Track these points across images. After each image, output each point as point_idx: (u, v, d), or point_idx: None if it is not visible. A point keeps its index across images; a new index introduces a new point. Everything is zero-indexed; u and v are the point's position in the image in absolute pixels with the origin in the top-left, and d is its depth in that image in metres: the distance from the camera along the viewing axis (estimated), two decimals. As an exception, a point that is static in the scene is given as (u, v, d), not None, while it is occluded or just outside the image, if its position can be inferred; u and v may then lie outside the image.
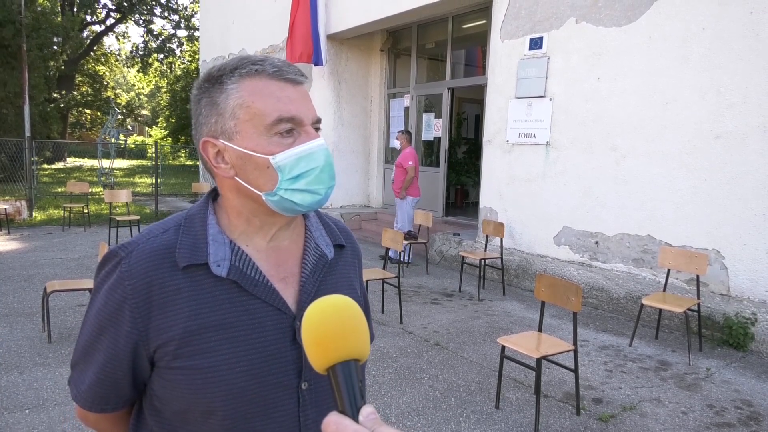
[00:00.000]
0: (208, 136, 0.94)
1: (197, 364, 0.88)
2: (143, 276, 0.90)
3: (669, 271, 4.94)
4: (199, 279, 0.91)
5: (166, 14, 30.47)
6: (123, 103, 34.35)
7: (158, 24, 46.12)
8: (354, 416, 0.64)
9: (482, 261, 6.32)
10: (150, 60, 31.55)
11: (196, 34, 28.00)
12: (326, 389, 0.94)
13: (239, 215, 0.96)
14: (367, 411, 0.64)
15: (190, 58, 31.66)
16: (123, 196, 9.42)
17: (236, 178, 0.93)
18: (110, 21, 30.10)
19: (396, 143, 8.14)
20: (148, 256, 0.91)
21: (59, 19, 20.14)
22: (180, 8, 30.60)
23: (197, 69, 23.79)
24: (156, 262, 0.91)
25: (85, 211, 10.31)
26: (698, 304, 4.66)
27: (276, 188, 0.91)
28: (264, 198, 0.92)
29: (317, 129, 0.95)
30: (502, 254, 6.48)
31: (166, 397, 0.92)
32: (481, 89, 8.59)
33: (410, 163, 7.48)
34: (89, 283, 4.67)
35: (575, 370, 3.49)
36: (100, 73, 31.57)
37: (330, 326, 0.69)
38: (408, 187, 7.57)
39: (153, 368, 0.93)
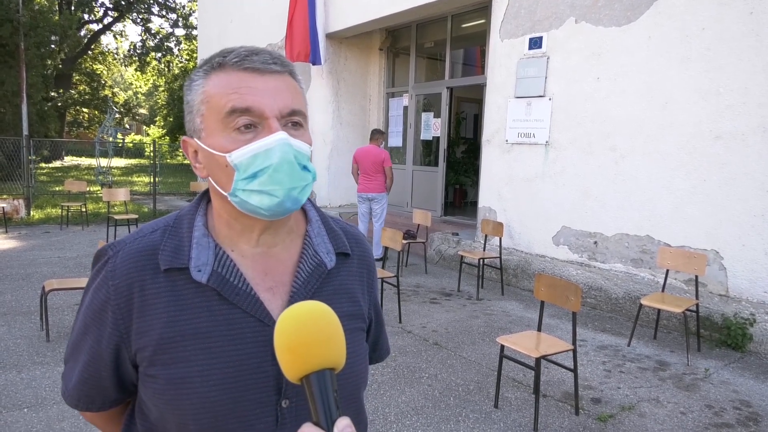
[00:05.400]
0: (187, 135, 0.92)
1: (171, 373, 0.84)
2: (125, 277, 0.87)
3: (668, 271, 4.94)
4: (180, 284, 0.86)
5: (164, 13, 30.46)
6: (121, 102, 34.28)
7: (156, 23, 46.08)
8: (329, 428, 0.63)
9: (481, 260, 6.32)
10: (148, 59, 31.49)
11: (194, 32, 28.00)
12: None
13: (220, 217, 0.91)
14: (342, 424, 0.63)
15: (188, 57, 31.61)
16: (121, 194, 9.40)
17: (209, 177, 0.89)
18: (108, 20, 30.05)
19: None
20: (133, 257, 0.88)
21: (57, 17, 20.06)
22: (178, 7, 30.57)
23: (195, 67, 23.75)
24: (140, 263, 0.87)
25: (83, 209, 10.30)
26: (697, 305, 4.67)
27: (233, 188, 0.84)
28: (229, 199, 0.86)
29: (294, 123, 0.86)
30: (501, 254, 6.48)
31: (147, 403, 0.89)
32: (480, 89, 8.59)
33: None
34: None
35: (574, 370, 3.50)
36: (98, 72, 31.51)
37: (304, 333, 0.67)
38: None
39: (137, 371, 0.89)
